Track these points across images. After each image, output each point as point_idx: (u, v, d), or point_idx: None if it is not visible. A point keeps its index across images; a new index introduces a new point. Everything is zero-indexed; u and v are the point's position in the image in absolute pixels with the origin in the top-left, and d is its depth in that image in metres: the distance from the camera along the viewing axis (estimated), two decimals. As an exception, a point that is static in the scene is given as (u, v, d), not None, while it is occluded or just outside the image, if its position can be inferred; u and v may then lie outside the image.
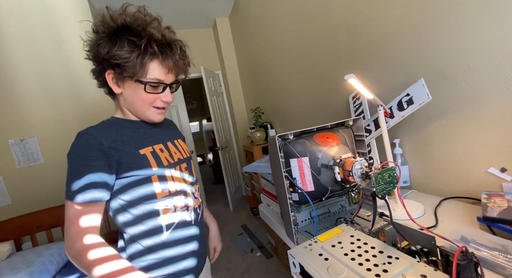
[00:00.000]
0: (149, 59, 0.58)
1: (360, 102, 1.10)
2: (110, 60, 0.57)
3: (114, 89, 0.62)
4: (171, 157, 0.67)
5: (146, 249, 0.62)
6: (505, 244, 0.48)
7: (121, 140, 0.60)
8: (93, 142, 0.56)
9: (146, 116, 0.66)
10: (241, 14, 2.72)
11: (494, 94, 0.69)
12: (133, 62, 0.56)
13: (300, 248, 0.55)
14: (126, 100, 0.64)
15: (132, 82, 0.60)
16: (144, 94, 0.61)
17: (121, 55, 0.56)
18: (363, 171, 0.58)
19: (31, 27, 1.91)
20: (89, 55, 0.62)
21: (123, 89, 0.62)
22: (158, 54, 0.58)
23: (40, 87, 1.95)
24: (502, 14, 0.63)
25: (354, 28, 1.15)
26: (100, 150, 0.56)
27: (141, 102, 0.62)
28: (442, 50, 0.79)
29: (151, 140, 0.66)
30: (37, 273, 1.16)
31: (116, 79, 0.61)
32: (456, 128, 0.80)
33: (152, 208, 0.61)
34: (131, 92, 0.62)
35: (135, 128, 0.66)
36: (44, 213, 1.53)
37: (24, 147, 1.91)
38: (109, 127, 0.62)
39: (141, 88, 0.60)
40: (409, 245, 0.50)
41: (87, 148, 0.56)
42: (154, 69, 0.59)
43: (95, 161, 0.55)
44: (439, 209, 0.77)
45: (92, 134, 0.57)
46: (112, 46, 0.56)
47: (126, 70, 0.57)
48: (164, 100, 0.64)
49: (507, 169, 0.69)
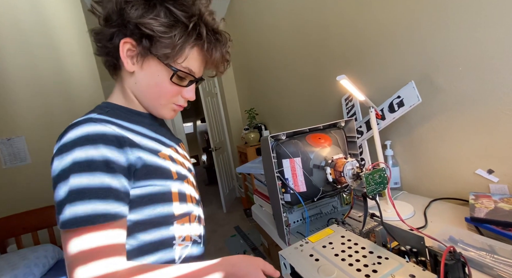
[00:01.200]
0: (192, 43, 0.46)
1: (352, 104, 1.11)
2: (139, 26, 0.43)
3: (126, 65, 0.47)
4: (183, 166, 0.54)
5: None
6: (492, 244, 0.49)
7: (140, 136, 0.47)
8: (110, 136, 0.40)
9: (158, 111, 0.52)
10: (236, 15, 2.73)
11: (481, 98, 0.70)
12: (172, 40, 0.44)
13: (291, 249, 0.54)
14: (138, 84, 0.49)
15: (157, 63, 0.46)
16: (167, 84, 0.48)
17: (159, 26, 0.43)
18: (354, 172, 0.58)
19: (20, 24, 1.87)
20: (100, 8, 0.46)
21: (140, 68, 0.47)
22: (204, 41, 0.47)
23: (29, 85, 1.90)
24: (490, 22, 0.65)
25: (347, 31, 1.16)
26: (119, 145, 0.41)
27: (159, 92, 0.49)
28: (432, 53, 0.81)
29: (163, 143, 0.52)
30: (21, 276, 1.13)
31: (134, 53, 0.46)
32: (445, 130, 0.82)
33: (166, 236, 0.46)
34: (150, 76, 0.48)
35: (143, 123, 0.51)
36: (30, 214, 1.49)
37: (11, 147, 1.86)
38: (118, 118, 0.47)
39: (166, 74, 0.47)
40: (399, 245, 0.50)
41: (103, 141, 0.39)
42: (192, 58, 0.48)
43: (113, 162, 0.39)
44: (429, 209, 0.78)
45: (106, 121, 0.43)
46: (149, 11, 0.43)
47: (158, 46, 0.44)
48: (185, 97, 0.52)
49: (494, 171, 0.71)
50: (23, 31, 1.88)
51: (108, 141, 0.39)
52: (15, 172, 1.87)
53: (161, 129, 0.56)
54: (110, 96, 0.53)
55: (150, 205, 0.45)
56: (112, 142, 0.40)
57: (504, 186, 0.68)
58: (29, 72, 1.90)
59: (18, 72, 1.87)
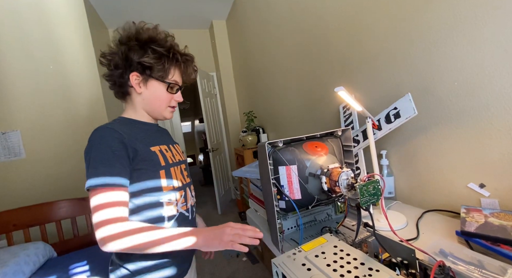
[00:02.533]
0: (174, 65, 0.71)
1: (350, 113, 1.13)
2: (141, 63, 0.67)
3: (137, 89, 0.70)
4: (173, 157, 0.74)
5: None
6: (481, 259, 0.50)
7: (135, 136, 0.66)
8: (116, 134, 0.61)
9: (162, 114, 0.74)
10: (238, 18, 2.74)
11: (475, 113, 0.72)
12: (163, 65, 0.68)
13: (283, 257, 0.55)
14: (146, 100, 0.72)
15: (156, 82, 0.70)
16: (164, 94, 0.71)
17: (153, 59, 0.67)
18: (349, 182, 0.59)
19: (20, 20, 1.86)
20: (109, 61, 0.69)
21: (146, 89, 0.70)
22: (180, 62, 0.72)
23: (27, 80, 1.89)
24: (486, 39, 0.67)
25: (348, 39, 1.18)
26: (121, 142, 0.61)
27: (159, 101, 0.72)
28: (429, 67, 0.82)
29: (158, 140, 0.73)
30: (11, 274, 1.11)
31: (139, 80, 0.69)
32: (439, 143, 0.83)
33: (157, 200, 0.65)
34: (153, 92, 0.71)
35: (144, 129, 0.73)
36: (22, 211, 1.47)
37: (5, 141, 1.84)
38: (123, 125, 0.68)
39: (163, 88, 0.71)
40: (390, 257, 0.51)
41: (111, 139, 0.60)
42: (175, 73, 0.72)
43: (118, 150, 0.60)
44: (421, 221, 0.79)
45: (114, 128, 0.62)
46: (144, 53, 0.67)
47: (155, 72, 0.68)
48: (176, 100, 0.75)
49: (486, 185, 0.72)
50: (22, 26, 1.87)
51: (114, 139, 0.61)
52: (8, 167, 1.85)
53: (157, 134, 0.77)
54: (123, 112, 0.75)
55: (143, 180, 0.64)
56: (117, 139, 0.61)
57: (495, 200, 0.69)
58: (28, 68, 1.89)
59: (16, 67, 1.85)
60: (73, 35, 2.02)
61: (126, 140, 0.62)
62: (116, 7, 2.56)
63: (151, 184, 0.65)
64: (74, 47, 2.02)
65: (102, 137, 0.60)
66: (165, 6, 2.72)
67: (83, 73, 2.04)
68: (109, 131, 0.61)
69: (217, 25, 3.22)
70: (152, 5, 2.67)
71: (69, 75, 2.01)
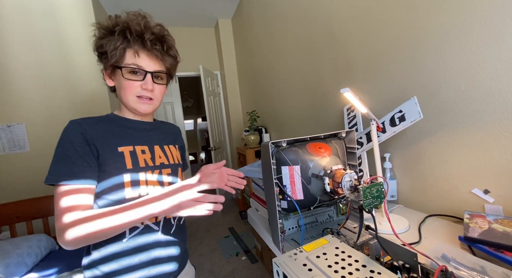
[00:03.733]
0: (124, 45, 0.60)
1: (354, 115, 1.12)
2: (98, 50, 0.62)
3: (108, 82, 0.65)
4: (152, 160, 0.67)
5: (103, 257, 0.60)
6: (483, 265, 0.50)
7: (104, 135, 0.61)
8: (80, 129, 0.58)
9: (133, 107, 0.66)
10: (244, 18, 2.74)
11: (481, 118, 0.71)
12: (112, 47, 0.59)
13: (285, 257, 0.55)
14: (117, 93, 0.66)
15: (117, 70, 0.62)
16: (124, 81, 0.62)
17: (103, 43, 0.60)
18: (352, 184, 0.59)
19: (27, 12, 1.87)
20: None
21: (115, 81, 0.65)
22: (130, 41, 0.60)
23: (33, 74, 1.90)
24: (495, 44, 0.66)
25: (354, 40, 1.17)
26: (84, 138, 0.58)
27: (124, 91, 0.63)
28: (436, 70, 0.82)
29: (136, 140, 0.66)
30: (13, 265, 1.13)
31: (107, 73, 0.65)
32: (444, 148, 0.83)
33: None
34: (117, 82, 0.64)
35: (125, 127, 0.67)
36: (25, 203, 1.49)
37: (10, 133, 1.86)
38: (99, 122, 0.64)
39: (121, 75, 0.62)
40: (392, 260, 0.51)
41: (74, 134, 0.57)
42: (131, 55, 0.61)
43: (79, 147, 0.57)
44: (423, 225, 0.78)
45: (80, 123, 0.60)
46: (101, 39, 0.61)
47: (109, 57, 0.60)
48: (144, 88, 0.63)
49: (490, 191, 0.71)
50: (29, 19, 1.88)
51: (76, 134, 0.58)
52: (12, 159, 1.87)
53: (143, 133, 0.69)
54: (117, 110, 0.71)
55: (105, 184, 0.59)
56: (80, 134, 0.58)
57: (499, 207, 0.69)
58: (34, 61, 1.91)
59: (23, 61, 1.87)
60: (79, 30, 2.03)
61: (88, 137, 0.58)
62: (123, 3, 2.57)
63: (112, 189, 0.59)
64: (80, 42, 2.03)
65: (66, 133, 0.58)
66: (172, 4, 2.73)
67: (89, 68, 2.05)
68: (74, 126, 0.59)
69: (223, 24, 3.22)
70: (159, 2, 2.68)
71: (74, 69, 2.02)
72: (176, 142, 0.80)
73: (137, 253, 0.61)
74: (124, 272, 0.60)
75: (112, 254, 0.60)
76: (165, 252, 0.66)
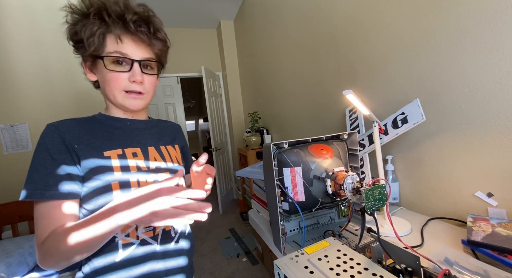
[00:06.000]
0: (103, 30, 0.51)
1: (356, 116, 1.12)
2: (73, 39, 0.54)
3: (89, 76, 0.57)
4: (146, 164, 0.59)
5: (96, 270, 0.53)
6: (487, 269, 0.49)
7: (86, 138, 0.54)
8: (57, 134, 0.51)
9: (121, 104, 0.57)
10: (246, 19, 2.75)
11: (485, 120, 0.71)
12: (88, 33, 0.50)
13: (286, 259, 0.55)
14: (101, 88, 0.57)
15: (99, 61, 0.53)
16: (108, 74, 0.53)
17: (77, 29, 0.52)
18: (354, 186, 0.59)
19: (31, 12, 1.88)
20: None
21: (97, 73, 0.56)
22: (109, 24, 0.51)
23: (36, 73, 1.92)
24: (500, 47, 0.66)
25: (356, 41, 1.17)
26: (63, 143, 0.51)
27: (109, 86, 0.54)
28: (439, 73, 0.81)
29: (126, 142, 0.58)
30: (15, 264, 1.13)
31: (89, 65, 0.56)
32: (447, 150, 0.82)
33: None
34: (100, 76, 0.55)
35: (113, 127, 0.59)
36: (28, 203, 1.49)
37: (14, 133, 1.87)
38: (83, 123, 0.57)
39: (103, 66, 0.53)
40: (394, 263, 0.50)
41: (50, 139, 0.51)
42: (112, 42, 0.52)
43: (57, 154, 0.50)
44: (426, 228, 0.78)
45: (58, 127, 0.52)
46: (75, 25, 0.52)
47: (85, 47, 0.52)
48: (132, 81, 0.54)
49: (494, 194, 0.71)
50: (32, 18, 1.90)
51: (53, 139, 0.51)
52: (15, 159, 1.88)
53: (134, 133, 0.61)
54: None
55: (95, 195, 0.51)
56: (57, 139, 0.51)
57: (503, 210, 0.68)
58: (37, 61, 1.92)
59: (26, 61, 1.88)
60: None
61: (67, 141, 0.51)
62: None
63: (99, 199, 0.51)
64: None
65: (42, 139, 0.51)
66: (174, 5, 2.74)
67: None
68: (51, 130, 0.51)
69: (225, 25, 3.23)
70: (160, 3, 2.69)
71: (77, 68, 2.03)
72: (176, 141, 0.72)
73: (132, 267, 0.54)
74: None
75: (105, 268, 0.53)
76: (165, 265, 0.58)
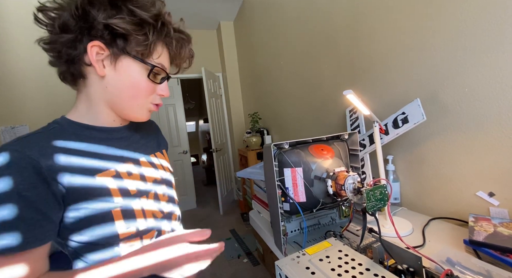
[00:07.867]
0: (162, 40, 0.48)
1: (356, 117, 1.12)
2: (111, 26, 0.42)
3: (98, 69, 0.45)
4: (143, 180, 0.51)
5: None
6: (489, 269, 0.49)
7: (68, 161, 0.43)
8: (25, 163, 0.38)
9: (134, 113, 0.51)
10: (246, 20, 2.75)
11: (486, 120, 0.71)
12: (146, 36, 0.44)
13: (287, 260, 0.54)
14: (111, 88, 0.47)
15: (132, 62, 0.46)
16: (144, 82, 0.47)
17: (130, 24, 0.43)
18: (355, 186, 0.59)
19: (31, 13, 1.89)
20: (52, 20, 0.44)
21: (113, 70, 0.46)
22: (172, 39, 0.48)
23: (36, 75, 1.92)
24: (500, 47, 0.66)
25: (356, 42, 1.17)
26: (37, 173, 0.38)
27: (135, 92, 0.48)
28: (439, 72, 0.81)
29: (116, 158, 0.49)
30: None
31: (103, 56, 0.45)
32: (448, 150, 0.82)
33: (111, 256, 0.45)
34: (126, 76, 0.46)
35: (95, 139, 0.48)
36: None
37: (14, 135, 1.88)
38: (56, 137, 0.44)
39: (144, 72, 0.47)
40: (396, 263, 0.50)
41: (17, 172, 0.37)
42: (163, 53, 0.49)
43: (28, 190, 0.37)
44: (427, 228, 0.77)
45: (25, 152, 0.39)
46: (115, 13, 0.43)
47: (132, 45, 0.44)
48: (160, 94, 0.52)
49: (495, 194, 0.70)
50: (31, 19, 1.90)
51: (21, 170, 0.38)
52: (16, 161, 1.88)
53: (121, 142, 0.52)
54: (71, 109, 0.50)
55: (90, 225, 0.43)
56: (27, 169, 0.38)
57: (505, 210, 0.68)
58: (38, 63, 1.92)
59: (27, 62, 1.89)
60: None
61: (45, 171, 0.39)
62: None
63: (96, 230, 0.43)
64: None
65: (2, 171, 0.37)
66: (174, 6, 2.75)
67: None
68: (14, 159, 0.37)
69: (225, 26, 3.24)
70: (162, 5, 2.70)
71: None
72: (161, 145, 0.65)
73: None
74: None
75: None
76: None
